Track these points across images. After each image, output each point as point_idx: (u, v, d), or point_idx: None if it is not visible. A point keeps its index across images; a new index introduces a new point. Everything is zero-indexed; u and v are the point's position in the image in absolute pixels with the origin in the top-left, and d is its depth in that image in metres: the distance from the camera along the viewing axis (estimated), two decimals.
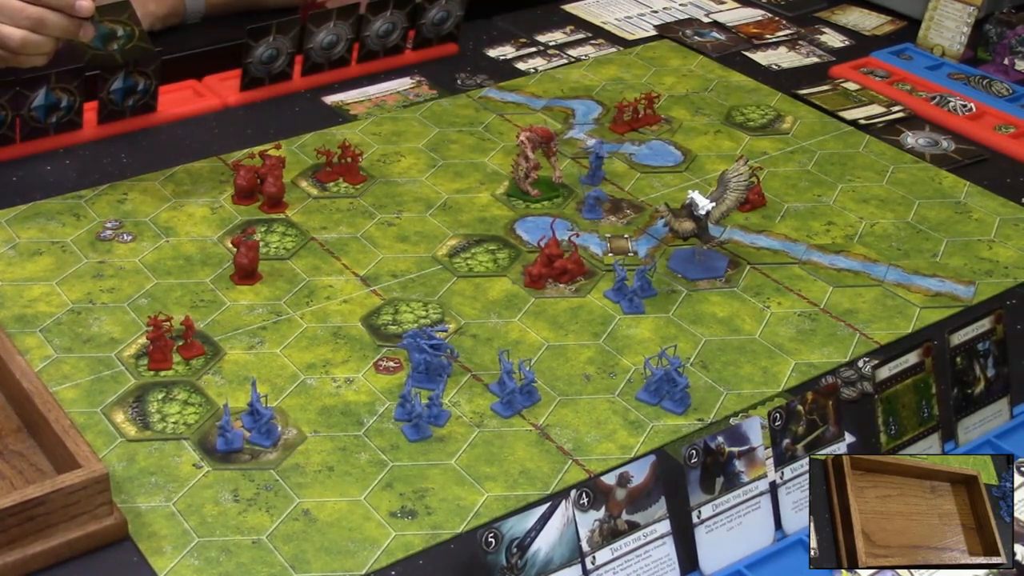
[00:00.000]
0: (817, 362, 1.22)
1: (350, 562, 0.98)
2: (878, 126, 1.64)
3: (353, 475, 1.06)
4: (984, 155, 1.59)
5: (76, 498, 0.96)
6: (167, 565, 0.97)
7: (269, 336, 1.21)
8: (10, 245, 1.32)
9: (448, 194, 1.45)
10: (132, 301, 1.25)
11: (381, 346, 1.21)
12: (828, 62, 1.81)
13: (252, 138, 1.53)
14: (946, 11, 1.81)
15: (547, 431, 1.12)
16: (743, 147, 1.58)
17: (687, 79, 1.74)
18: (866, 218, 1.44)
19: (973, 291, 1.33)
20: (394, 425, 1.12)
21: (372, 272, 1.31)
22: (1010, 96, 1.71)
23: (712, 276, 1.33)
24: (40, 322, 1.21)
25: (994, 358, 1.12)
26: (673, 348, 1.20)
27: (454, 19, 1.73)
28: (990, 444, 1.11)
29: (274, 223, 1.38)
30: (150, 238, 1.34)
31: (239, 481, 1.05)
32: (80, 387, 1.14)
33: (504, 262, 1.34)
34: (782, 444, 1.01)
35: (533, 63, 1.76)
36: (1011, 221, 1.45)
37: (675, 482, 0.96)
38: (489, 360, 1.20)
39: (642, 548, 0.94)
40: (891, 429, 1.05)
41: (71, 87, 1.45)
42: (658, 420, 1.14)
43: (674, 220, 1.32)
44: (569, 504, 0.90)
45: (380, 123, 1.58)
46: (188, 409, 1.12)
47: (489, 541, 0.87)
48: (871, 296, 1.31)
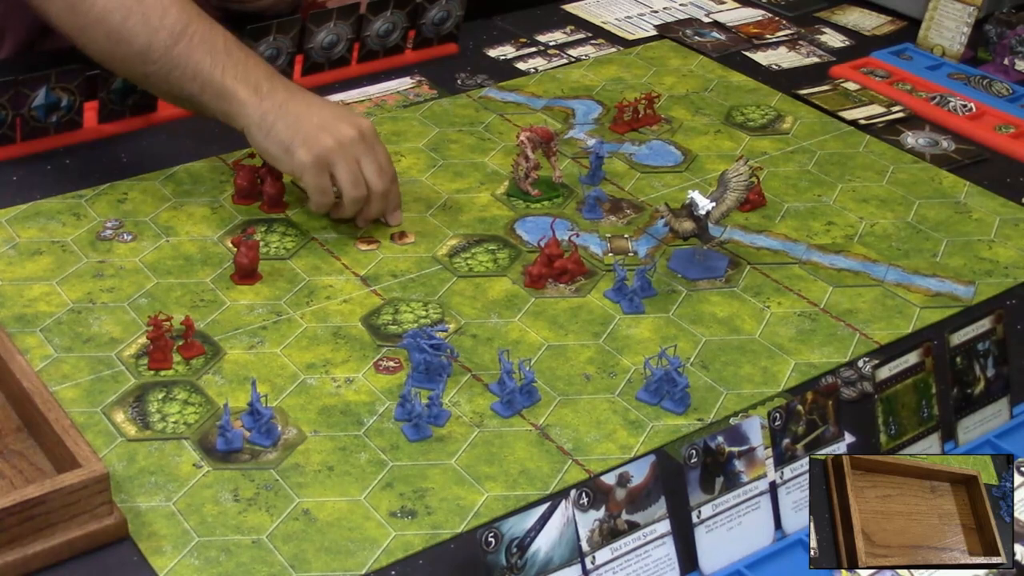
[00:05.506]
0: (817, 362, 1.22)
1: (350, 562, 0.98)
2: (878, 126, 1.64)
3: (353, 475, 1.06)
4: (984, 155, 1.59)
5: (76, 498, 0.96)
6: (167, 565, 0.97)
7: (269, 336, 1.21)
8: (10, 245, 1.32)
9: (448, 194, 1.45)
10: (132, 301, 1.25)
11: (381, 346, 1.21)
12: (828, 62, 1.81)
13: None
14: (946, 11, 1.81)
15: (547, 431, 1.12)
16: (743, 147, 1.58)
17: (687, 79, 1.74)
18: (866, 218, 1.45)
19: (973, 291, 1.33)
20: (394, 425, 1.12)
21: (372, 272, 1.31)
22: (1010, 96, 1.71)
23: (712, 276, 1.33)
24: (40, 322, 1.21)
25: (994, 358, 1.12)
26: (673, 348, 1.20)
27: (454, 19, 1.73)
28: (990, 444, 1.11)
29: (274, 223, 1.38)
30: (150, 238, 1.34)
31: (239, 481, 1.05)
32: (80, 387, 1.14)
33: (504, 262, 1.34)
34: (782, 444, 1.01)
35: (533, 63, 1.76)
36: (1011, 221, 1.45)
37: (675, 482, 0.96)
38: (489, 360, 1.20)
39: (642, 548, 0.94)
40: (891, 429, 1.05)
41: (71, 87, 1.45)
42: (658, 420, 1.14)
43: (674, 220, 1.32)
44: (569, 504, 0.90)
45: (380, 123, 1.58)
46: (188, 409, 1.12)
47: (489, 541, 0.87)
48: (871, 296, 1.31)
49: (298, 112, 1.32)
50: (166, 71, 1.33)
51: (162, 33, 1.32)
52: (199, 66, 1.32)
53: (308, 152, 1.30)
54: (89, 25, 1.34)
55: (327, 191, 1.33)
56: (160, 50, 1.32)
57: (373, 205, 1.35)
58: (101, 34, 1.33)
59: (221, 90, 1.33)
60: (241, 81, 1.33)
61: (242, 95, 1.32)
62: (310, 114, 1.33)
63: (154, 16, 1.32)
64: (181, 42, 1.32)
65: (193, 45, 1.32)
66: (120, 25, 1.32)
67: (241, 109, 1.33)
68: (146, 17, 1.32)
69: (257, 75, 1.34)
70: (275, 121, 1.32)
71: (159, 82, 1.36)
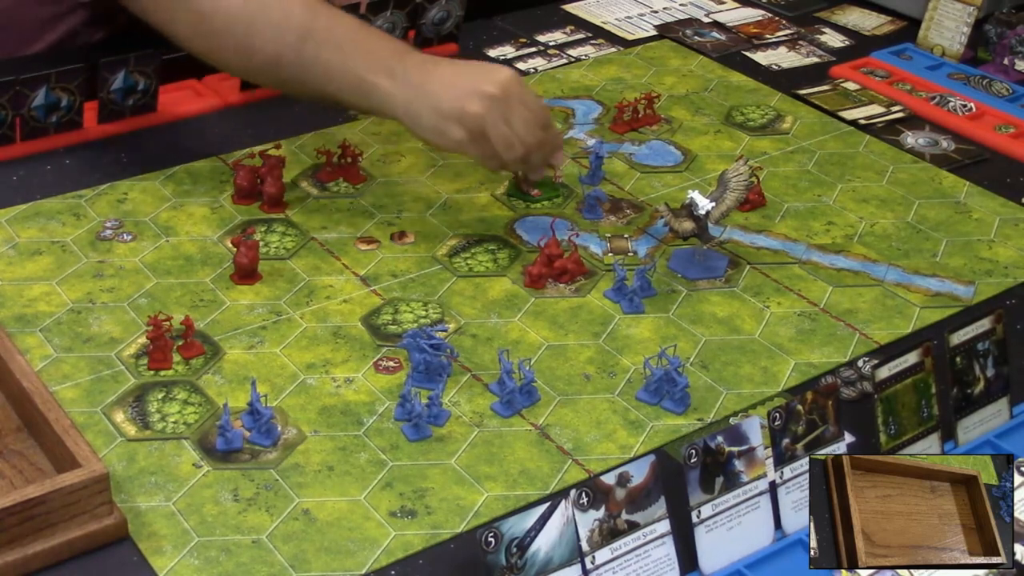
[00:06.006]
0: (817, 362, 1.22)
1: (350, 562, 0.98)
2: (878, 126, 1.64)
3: (353, 475, 1.06)
4: (984, 155, 1.59)
5: (76, 498, 0.96)
6: (167, 565, 0.97)
7: (269, 336, 1.21)
8: (10, 245, 1.32)
9: (448, 194, 1.45)
10: (132, 301, 1.25)
11: (381, 346, 1.21)
12: (828, 62, 1.81)
13: (252, 138, 1.53)
14: (946, 11, 1.81)
15: (547, 431, 1.12)
16: (743, 147, 1.58)
17: (687, 79, 1.74)
18: (866, 218, 1.44)
19: (973, 291, 1.33)
20: (394, 425, 1.12)
21: (372, 272, 1.31)
22: (1010, 96, 1.71)
23: (712, 276, 1.33)
24: (40, 322, 1.21)
25: (994, 358, 1.12)
26: (673, 348, 1.20)
27: (454, 19, 1.73)
28: (990, 444, 1.11)
29: (274, 223, 1.38)
30: (150, 238, 1.34)
31: (239, 481, 1.05)
32: (80, 387, 1.14)
33: (504, 262, 1.34)
34: (782, 444, 1.01)
35: (533, 63, 1.76)
36: (1011, 221, 1.45)
37: (675, 482, 0.96)
38: (489, 360, 1.20)
39: (642, 548, 0.94)
40: (891, 429, 1.05)
41: (71, 87, 1.45)
42: (658, 420, 1.14)
43: (674, 220, 1.32)
44: (569, 504, 0.90)
45: (380, 123, 1.58)
46: (188, 409, 1.12)
47: (489, 541, 0.87)
48: (871, 296, 1.31)
49: (437, 91, 1.29)
50: (300, 74, 1.31)
51: (288, 36, 1.29)
52: (330, 64, 1.30)
53: (460, 128, 1.28)
54: (217, 42, 1.32)
55: (495, 155, 1.31)
56: (290, 54, 1.30)
57: (533, 158, 1.33)
58: (230, 48, 1.32)
59: (359, 86, 1.30)
60: (374, 71, 1.29)
61: (381, 86, 1.29)
62: (449, 87, 1.29)
63: (278, 20, 1.29)
64: (309, 42, 1.29)
65: (320, 43, 1.29)
66: (246, 35, 1.30)
67: (383, 101, 1.30)
68: (270, 22, 1.29)
69: (388, 58, 1.30)
70: (419, 108, 1.29)
71: (297, 86, 1.33)
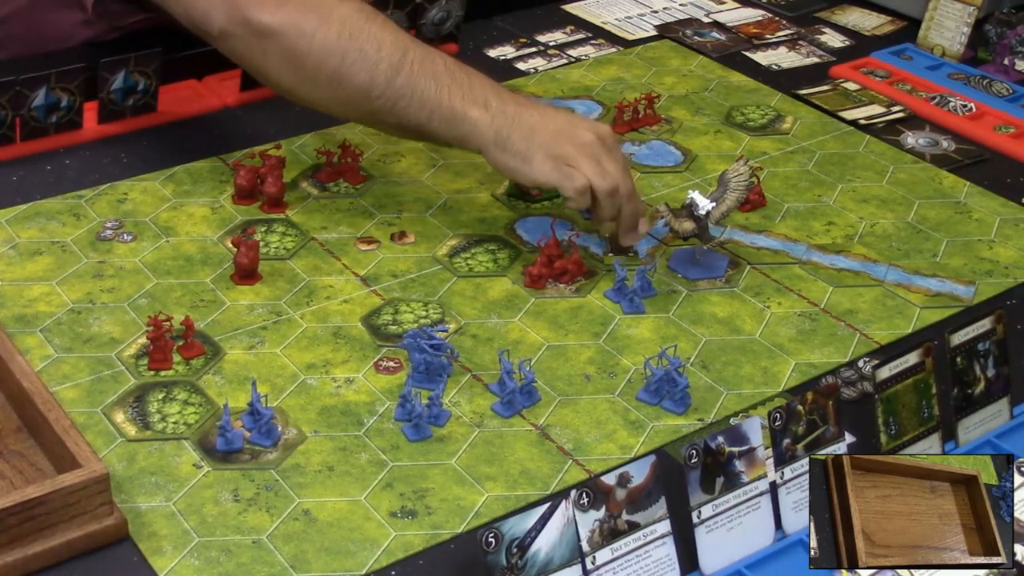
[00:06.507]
0: (817, 362, 1.22)
1: (350, 562, 0.98)
2: (878, 126, 1.64)
3: (353, 475, 1.06)
4: (984, 155, 1.59)
5: (76, 498, 0.96)
6: (167, 565, 0.97)
7: (269, 336, 1.21)
8: (10, 245, 1.32)
9: (448, 194, 1.45)
10: (132, 301, 1.25)
11: (381, 346, 1.21)
12: (828, 62, 1.81)
13: (252, 138, 1.53)
14: (946, 11, 1.81)
15: (547, 431, 1.12)
16: (743, 147, 1.58)
17: (687, 79, 1.74)
18: (866, 218, 1.44)
19: (973, 291, 1.33)
20: (394, 425, 1.12)
21: (372, 272, 1.31)
22: (1010, 96, 1.71)
23: (712, 276, 1.33)
24: (40, 322, 1.21)
25: (994, 358, 1.12)
26: (673, 348, 1.20)
27: (454, 19, 1.73)
28: (990, 444, 1.11)
29: (274, 223, 1.38)
30: (150, 238, 1.34)
31: (239, 481, 1.05)
32: (80, 387, 1.14)
33: (504, 262, 1.34)
34: (782, 444, 1.01)
35: (533, 63, 1.76)
36: (1011, 221, 1.45)
37: (675, 482, 0.96)
38: (489, 360, 1.20)
39: (642, 548, 0.94)
40: (891, 429, 1.05)
41: (71, 87, 1.45)
42: (658, 420, 1.14)
43: (674, 220, 1.32)
44: (569, 504, 0.90)
45: None
46: (188, 409, 1.12)
47: (489, 541, 0.87)
48: (871, 296, 1.31)
49: (532, 123, 1.29)
50: (391, 104, 1.30)
51: (382, 66, 1.29)
52: (424, 93, 1.29)
53: (546, 157, 1.27)
54: (309, 75, 1.31)
55: (582, 190, 1.27)
56: (382, 84, 1.29)
57: (627, 204, 1.30)
58: (323, 80, 1.31)
59: (451, 114, 1.29)
60: (469, 102, 1.29)
61: (473, 115, 1.29)
62: (545, 123, 1.29)
63: (371, 51, 1.29)
64: (402, 72, 1.29)
65: (415, 73, 1.29)
66: (339, 67, 1.29)
67: (474, 129, 1.29)
68: (363, 53, 1.29)
69: (484, 92, 1.30)
70: (510, 134, 1.28)
71: (386, 116, 1.32)
